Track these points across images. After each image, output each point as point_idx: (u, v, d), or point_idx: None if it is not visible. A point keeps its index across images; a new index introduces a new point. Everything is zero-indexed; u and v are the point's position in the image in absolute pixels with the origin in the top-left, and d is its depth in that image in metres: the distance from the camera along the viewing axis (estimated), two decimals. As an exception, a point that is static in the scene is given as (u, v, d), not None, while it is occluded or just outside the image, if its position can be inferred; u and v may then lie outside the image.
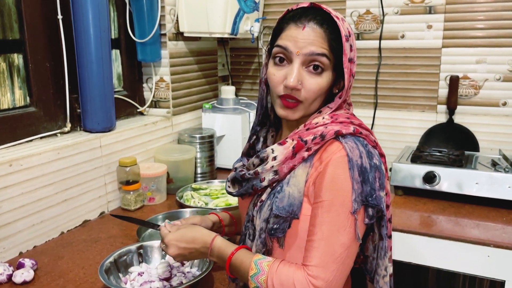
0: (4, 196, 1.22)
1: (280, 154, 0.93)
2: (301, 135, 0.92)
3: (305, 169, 0.91)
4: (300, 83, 0.91)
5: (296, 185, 0.91)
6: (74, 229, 1.45)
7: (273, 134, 1.07)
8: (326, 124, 0.92)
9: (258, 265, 0.88)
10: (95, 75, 1.50)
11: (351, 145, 0.88)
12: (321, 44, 0.89)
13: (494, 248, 1.32)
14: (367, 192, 0.86)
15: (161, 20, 1.80)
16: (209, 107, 1.99)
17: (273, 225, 0.91)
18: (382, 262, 0.97)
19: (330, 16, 0.91)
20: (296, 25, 0.91)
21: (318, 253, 0.85)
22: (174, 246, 0.98)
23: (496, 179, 1.50)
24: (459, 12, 1.81)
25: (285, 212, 0.90)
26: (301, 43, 0.89)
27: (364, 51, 1.99)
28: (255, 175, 0.96)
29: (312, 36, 0.89)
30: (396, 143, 1.97)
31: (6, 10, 1.36)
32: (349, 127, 0.91)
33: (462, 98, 1.86)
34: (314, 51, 0.89)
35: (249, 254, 0.92)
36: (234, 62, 2.33)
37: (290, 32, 0.91)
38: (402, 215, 1.50)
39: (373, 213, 0.89)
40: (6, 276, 1.12)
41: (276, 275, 0.86)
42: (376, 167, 0.89)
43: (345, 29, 0.91)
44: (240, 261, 0.91)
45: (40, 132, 1.46)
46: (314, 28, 0.89)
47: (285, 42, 0.91)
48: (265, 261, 0.89)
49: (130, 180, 1.56)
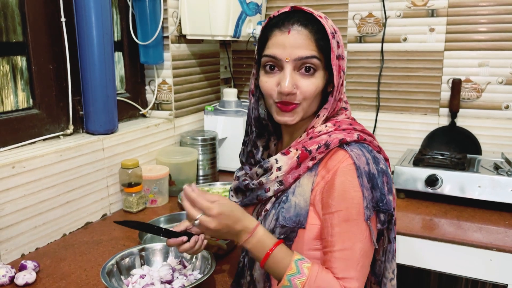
0: (7, 198, 1.23)
1: (284, 164, 0.92)
2: (305, 144, 0.92)
3: (310, 178, 0.91)
4: (295, 87, 0.90)
5: (302, 194, 0.90)
6: (76, 231, 1.45)
7: (276, 142, 1.06)
8: (330, 132, 0.92)
9: (298, 266, 0.85)
10: (97, 78, 1.50)
11: (357, 153, 0.88)
12: (308, 46, 0.89)
13: (497, 252, 1.32)
14: (377, 197, 0.86)
15: (164, 22, 1.80)
16: (211, 110, 1.99)
17: (279, 235, 0.91)
18: (389, 265, 0.97)
19: (313, 17, 0.91)
20: (281, 30, 0.90)
21: (342, 264, 0.85)
22: (219, 220, 0.87)
23: (498, 182, 1.50)
24: (462, 15, 1.81)
25: (292, 222, 0.89)
26: (289, 49, 0.89)
27: (366, 54, 1.99)
28: (260, 185, 0.95)
29: (299, 39, 0.88)
30: (398, 146, 1.97)
31: (10, 12, 1.37)
32: (353, 134, 0.91)
33: (465, 101, 1.86)
34: (303, 55, 0.88)
35: (289, 251, 0.89)
36: (236, 65, 2.34)
37: (276, 39, 0.90)
38: (404, 218, 1.50)
39: (384, 218, 0.89)
40: (8, 278, 1.13)
41: (315, 282, 0.84)
42: (383, 172, 0.89)
43: (330, 27, 0.91)
44: (280, 257, 0.87)
45: (42, 134, 1.46)
46: (299, 30, 0.89)
47: (273, 51, 0.90)
48: (305, 263, 0.86)
49: (132, 182, 1.57)
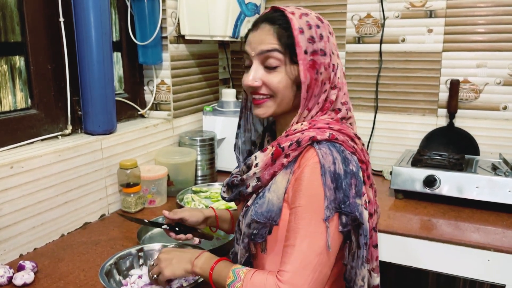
0: (5, 198, 1.22)
1: (261, 161, 0.94)
2: (280, 141, 0.93)
3: (285, 176, 0.92)
4: (257, 81, 0.95)
5: (276, 191, 0.91)
6: (74, 232, 1.45)
7: (269, 139, 1.07)
8: (304, 130, 0.92)
9: (235, 273, 0.90)
10: (96, 78, 1.50)
11: (325, 151, 0.87)
12: (270, 41, 0.92)
13: (495, 252, 1.32)
14: (340, 199, 0.85)
15: (163, 23, 1.80)
16: (210, 110, 2.00)
17: (253, 230, 0.92)
18: (359, 271, 0.93)
19: (284, 14, 0.93)
20: (252, 29, 0.97)
21: (290, 259, 0.86)
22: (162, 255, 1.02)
23: (496, 183, 1.50)
24: (460, 16, 1.81)
25: (263, 217, 0.91)
26: (254, 45, 0.95)
27: (364, 54, 2.00)
28: (242, 181, 0.98)
29: (262, 34, 0.94)
30: (396, 147, 1.97)
31: (8, 12, 1.36)
32: (324, 133, 0.90)
33: (463, 102, 1.86)
34: (263, 48, 0.93)
35: (229, 264, 0.94)
36: (235, 65, 2.34)
37: (248, 38, 0.98)
38: (403, 219, 1.50)
39: (347, 221, 0.87)
40: (7, 279, 1.13)
41: (250, 282, 0.87)
42: (352, 173, 0.88)
43: (302, 22, 0.92)
44: (220, 270, 0.93)
45: (41, 134, 1.46)
46: (264, 27, 0.94)
47: (245, 47, 0.98)
48: (242, 270, 0.90)
49: (130, 183, 1.57)
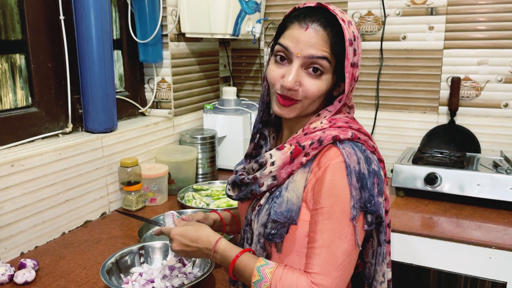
0: (6, 196, 1.22)
1: (278, 159, 0.92)
2: (299, 140, 0.92)
3: (303, 175, 0.90)
4: (297, 84, 0.90)
5: (295, 190, 0.90)
6: (75, 230, 1.45)
7: (274, 136, 1.06)
8: (324, 129, 0.91)
9: (260, 272, 0.87)
10: (97, 76, 1.50)
11: (349, 151, 0.87)
12: (322, 47, 0.88)
13: (496, 250, 1.32)
14: (365, 198, 0.86)
15: (163, 21, 1.80)
16: (210, 108, 1.99)
17: (271, 230, 0.90)
18: (380, 268, 0.96)
19: (335, 18, 0.89)
20: (300, 25, 0.89)
21: (320, 260, 0.85)
22: (177, 241, 0.99)
23: (497, 180, 1.50)
24: (461, 14, 1.81)
25: (283, 217, 0.89)
26: (302, 45, 0.88)
27: (365, 52, 1.99)
28: (254, 180, 0.95)
29: (314, 38, 0.88)
30: (397, 145, 1.97)
31: (9, 10, 1.36)
32: (347, 132, 0.90)
33: (464, 100, 1.86)
34: (314, 54, 0.88)
35: (252, 258, 0.91)
36: (236, 63, 2.34)
37: (293, 32, 0.90)
38: (404, 217, 1.50)
39: (372, 220, 0.88)
40: (8, 277, 1.13)
41: (280, 283, 0.85)
42: (374, 172, 0.88)
43: (350, 33, 0.89)
44: (244, 266, 0.90)
45: (41, 132, 1.46)
46: (317, 30, 0.88)
47: (287, 42, 0.90)
48: (268, 268, 0.88)
49: (131, 181, 1.56)
